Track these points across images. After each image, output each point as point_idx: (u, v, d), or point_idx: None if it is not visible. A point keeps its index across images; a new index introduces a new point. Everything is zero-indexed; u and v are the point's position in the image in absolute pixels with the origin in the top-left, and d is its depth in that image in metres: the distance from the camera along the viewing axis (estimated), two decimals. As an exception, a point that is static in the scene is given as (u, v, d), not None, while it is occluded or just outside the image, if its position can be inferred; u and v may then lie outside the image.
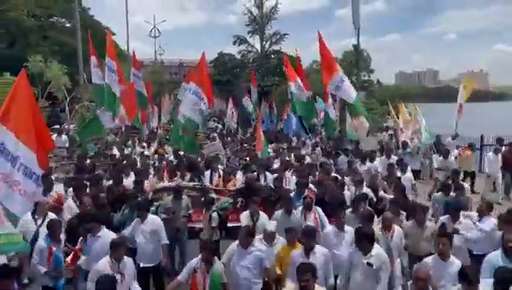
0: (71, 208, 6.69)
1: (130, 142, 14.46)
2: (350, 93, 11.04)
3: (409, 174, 9.51)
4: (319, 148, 13.77)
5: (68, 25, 29.71)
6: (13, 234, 4.37)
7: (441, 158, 11.75)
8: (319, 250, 5.02)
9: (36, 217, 5.99)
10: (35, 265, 5.33)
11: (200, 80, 9.81)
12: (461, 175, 10.03)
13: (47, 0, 26.77)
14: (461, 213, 6.29)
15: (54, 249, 5.33)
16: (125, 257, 4.95)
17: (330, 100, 13.75)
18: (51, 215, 6.13)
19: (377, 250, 4.85)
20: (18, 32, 23.52)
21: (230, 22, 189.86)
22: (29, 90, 4.97)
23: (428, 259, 4.96)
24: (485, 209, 6.21)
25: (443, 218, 6.37)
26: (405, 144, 12.92)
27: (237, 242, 5.16)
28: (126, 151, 12.75)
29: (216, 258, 4.95)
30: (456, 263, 4.77)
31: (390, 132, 17.62)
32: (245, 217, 6.38)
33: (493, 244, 5.48)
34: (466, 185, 8.47)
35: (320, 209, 6.45)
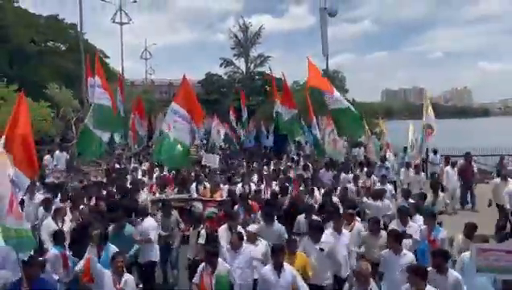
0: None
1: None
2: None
3: (389, 186, 10.25)
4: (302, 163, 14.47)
5: (63, 48, 30.38)
6: (21, 229, 4.43)
7: (412, 173, 12.00)
8: (287, 267, 5.02)
9: (57, 220, 6.65)
10: (48, 273, 5.36)
11: (181, 101, 9.78)
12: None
13: (45, 27, 27.54)
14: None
15: (68, 253, 5.61)
16: (127, 274, 4.99)
17: (314, 119, 13.86)
18: (68, 218, 6.87)
19: (327, 238, 5.70)
20: (19, 57, 24.29)
21: (220, 40, 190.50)
22: (25, 114, 5.41)
23: (385, 253, 5.61)
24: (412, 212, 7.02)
25: (394, 222, 6.96)
26: (383, 158, 13.51)
27: (227, 246, 5.62)
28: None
29: (220, 260, 5.14)
30: (408, 256, 5.42)
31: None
32: (223, 231, 6.37)
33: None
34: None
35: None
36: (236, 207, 7.82)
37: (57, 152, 12.81)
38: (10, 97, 15.47)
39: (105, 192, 8.92)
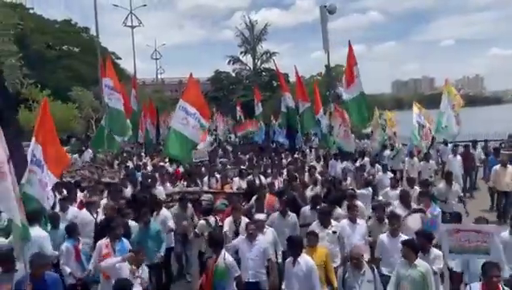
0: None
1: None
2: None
3: (389, 173, 10.43)
4: (312, 155, 14.66)
5: (77, 51, 31.20)
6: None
7: (422, 162, 12.07)
8: (304, 259, 5.00)
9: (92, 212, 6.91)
10: (61, 266, 5.47)
11: (190, 98, 9.84)
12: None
13: (60, 31, 28.38)
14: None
15: (80, 247, 5.66)
16: (143, 265, 5.05)
17: (321, 111, 14.02)
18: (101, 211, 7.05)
19: (334, 222, 6.03)
20: (38, 62, 25.17)
21: (227, 37, 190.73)
22: (49, 115, 6.02)
23: (383, 236, 5.82)
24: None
25: (397, 206, 7.03)
26: (384, 148, 13.63)
27: (242, 236, 5.64)
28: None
29: (223, 252, 5.05)
30: (403, 238, 5.53)
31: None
32: (228, 223, 6.33)
33: None
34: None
35: None
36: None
37: (85, 152, 13.68)
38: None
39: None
